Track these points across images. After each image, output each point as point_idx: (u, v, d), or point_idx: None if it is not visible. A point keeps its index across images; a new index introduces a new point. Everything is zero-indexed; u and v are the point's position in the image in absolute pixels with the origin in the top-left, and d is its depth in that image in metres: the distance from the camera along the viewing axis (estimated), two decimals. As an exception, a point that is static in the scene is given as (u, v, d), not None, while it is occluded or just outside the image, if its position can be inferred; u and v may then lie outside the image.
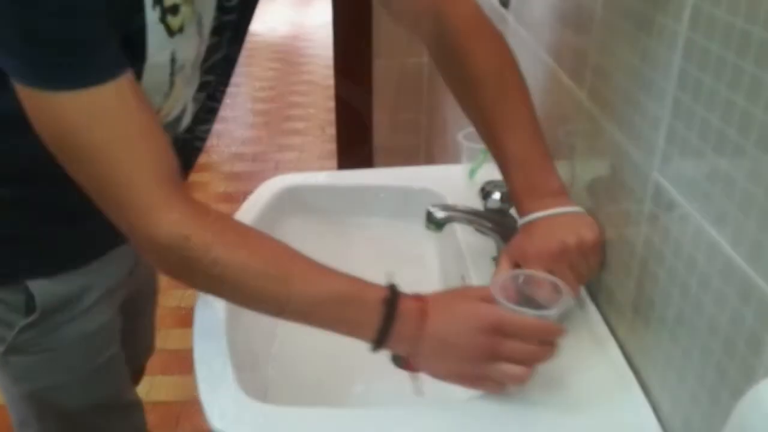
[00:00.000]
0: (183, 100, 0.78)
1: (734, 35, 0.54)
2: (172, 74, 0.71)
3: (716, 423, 0.58)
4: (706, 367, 0.60)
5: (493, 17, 1.39)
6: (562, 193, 0.79)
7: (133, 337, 1.14)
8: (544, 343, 0.68)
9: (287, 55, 5.12)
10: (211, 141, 3.65)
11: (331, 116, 2.70)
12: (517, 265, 0.77)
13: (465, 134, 1.09)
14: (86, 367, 0.92)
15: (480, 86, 0.81)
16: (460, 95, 0.85)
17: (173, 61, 0.70)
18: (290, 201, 1.15)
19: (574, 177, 0.91)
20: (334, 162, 2.72)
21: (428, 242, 1.10)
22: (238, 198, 2.81)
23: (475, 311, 0.68)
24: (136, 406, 1.06)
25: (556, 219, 0.76)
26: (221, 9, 0.76)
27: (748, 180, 0.53)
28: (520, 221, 0.79)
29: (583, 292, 0.87)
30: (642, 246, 0.71)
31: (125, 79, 0.63)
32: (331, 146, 2.90)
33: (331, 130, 3.04)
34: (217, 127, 4.33)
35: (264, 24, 5.84)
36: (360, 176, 1.24)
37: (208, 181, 3.24)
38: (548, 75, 1.02)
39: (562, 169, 0.96)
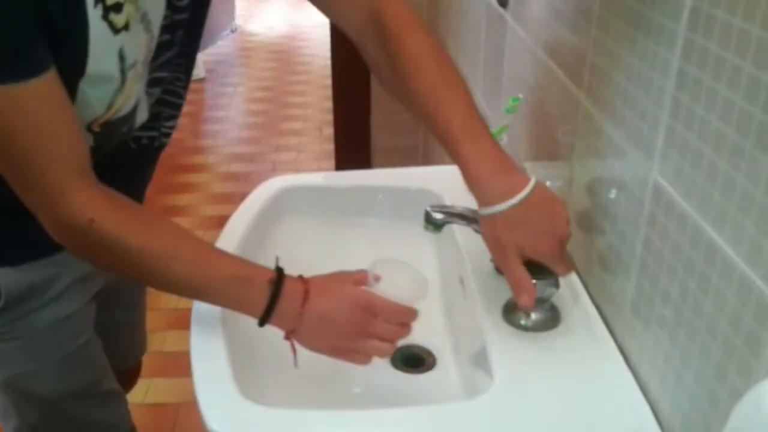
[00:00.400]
0: (135, 96, 0.81)
1: (733, 35, 0.54)
2: (123, 71, 0.75)
3: (715, 424, 0.58)
4: (705, 367, 0.60)
5: (491, 17, 1.40)
6: (514, 165, 0.78)
7: (120, 333, 1.14)
8: (402, 324, 0.79)
9: (284, 55, 5.12)
10: (208, 141, 3.67)
11: (329, 116, 2.70)
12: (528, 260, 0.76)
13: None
14: (59, 353, 0.93)
15: (419, 72, 0.84)
16: (402, 85, 0.86)
17: (122, 58, 0.74)
18: (287, 202, 1.15)
19: (573, 176, 0.91)
20: (331, 163, 2.71)
21: (427, 243, 1.10)
22: (235, 199, 2.80)
23: (350, 293, 0.78)
24: (116, 396, 1.06)
25: (533, 203, 0.74)
26: (172, 8, 0.79)
27: (746, 180, 0.53)
28: (501, 206, 0.73)
29: (582, 292, 0.87)
30: (641, 246, 0.71)
31: (48, 77, 0.68)
32: (329, 147, 2.89)
33: (329, 131, 3.03)
34: (214, 127, 4.33)
35: (261, 23, 5.84)
36: (358, 177, 1.24)
37: (204, 181, 3.23)
38: (546, 74, 1.02)
39: (562, 168, 0.96)
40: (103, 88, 0.75)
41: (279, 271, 0.78)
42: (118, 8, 0.71)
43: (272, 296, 0.75)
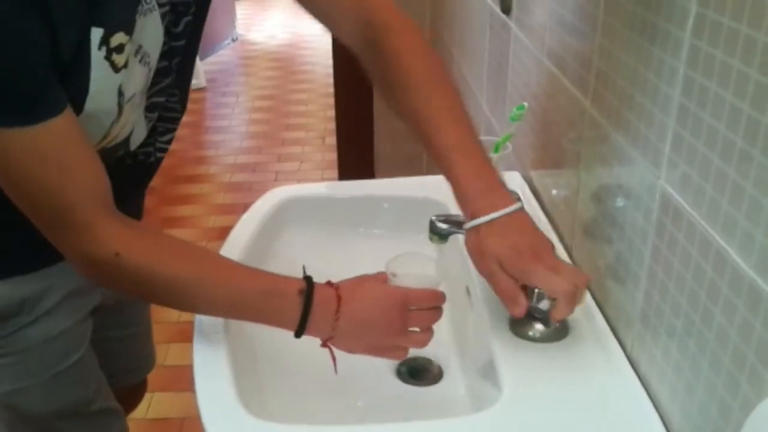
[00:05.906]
0: (131, 123, 0.83)
1: (739, 42, 0.53)
2: (120, 105, 0.76)
3: (728, 436, 0.57)
4: (716, 378, 0.59)
5: (494, 24, 1.39)
6: (503, 184, 0.79)
7: (125, 349, 1.13)
8: (435, 309, 0.80)
9: (286, 64, 5.12)
10: (209, 151, 3.67)
11: (332, 125, 2.70)
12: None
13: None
14: (50, 371, 0.91)
15: (415, 86, 0.84)
16: (395, 96, 0.86)
17: (121, 94, 0.75)
18: (291, 212, 1.14)
19: (580, 185, 0.90)
20: (334, 172, 2.71)
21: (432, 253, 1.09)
22: (237, 209, 2.79)
23: (383, 292, 0.79)
24: (112, 414, 1.03)
25: (517, 221, 0.76)
26: (169, 35, 0.80)
27: (755, 188, 0.52)
28: (485, 218, 0.75)
29: (590, 302, 0.86)
30: (649, 255, 0.71)
31: (65, 116, 0.69)
32: (332, 156, 2.89)
33: (332, 140, 3.03)
34: (215, 137, 4.33)
35: (262, 32, 5.86)
36: (361, 187, 1.24)
37: (206, 192, 3.23)
38: (551, 81, 1.02)
39: (568, 177, 0.95)
40: (99, 121, 0.75)
41: (308, 280, 0.77)
42: (120, 49, 0.72)
43: (305, 307, 0.75)
